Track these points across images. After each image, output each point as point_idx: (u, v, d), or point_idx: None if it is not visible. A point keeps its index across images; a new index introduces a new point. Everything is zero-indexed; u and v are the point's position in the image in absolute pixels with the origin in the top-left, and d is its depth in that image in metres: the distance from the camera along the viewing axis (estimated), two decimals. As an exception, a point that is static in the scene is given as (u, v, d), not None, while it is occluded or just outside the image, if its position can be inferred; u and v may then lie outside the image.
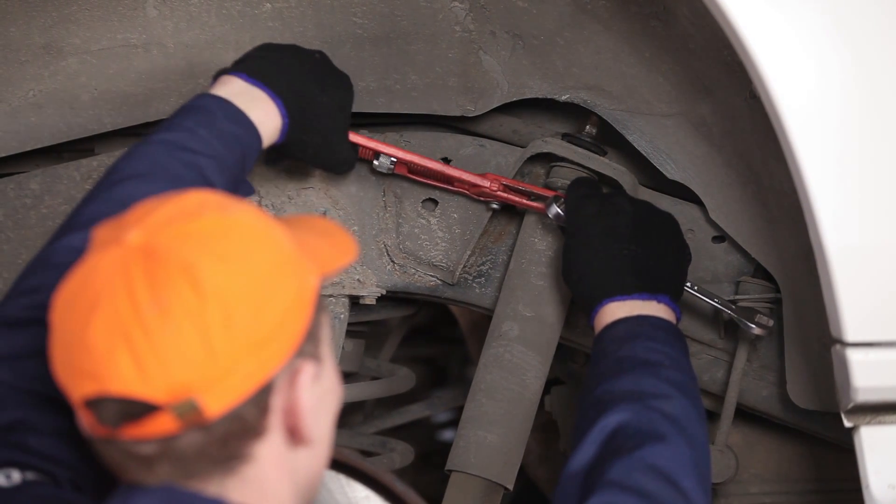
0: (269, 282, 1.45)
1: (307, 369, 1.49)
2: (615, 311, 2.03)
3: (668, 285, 2.06)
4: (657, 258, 2.07)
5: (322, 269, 1.53)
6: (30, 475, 1.59)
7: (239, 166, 2.01)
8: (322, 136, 2.15)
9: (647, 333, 1.99)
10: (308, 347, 1.50)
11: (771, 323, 2.19)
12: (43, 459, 1.62)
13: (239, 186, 2.07)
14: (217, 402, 1.42)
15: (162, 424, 1.42)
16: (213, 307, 1.41)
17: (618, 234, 2.07)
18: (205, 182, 1.93)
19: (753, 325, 2.19)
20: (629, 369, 1.91)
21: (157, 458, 1.45)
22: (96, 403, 1.43)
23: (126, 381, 1.40)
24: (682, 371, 1.94)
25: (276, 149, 2.15)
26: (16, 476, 1.58)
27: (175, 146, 1.95)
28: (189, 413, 1.41)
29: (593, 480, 1.73)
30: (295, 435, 1.51)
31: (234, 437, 1.45)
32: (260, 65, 2.10)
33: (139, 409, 1.41)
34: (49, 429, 1.62)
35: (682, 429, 1.81)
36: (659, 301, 2.04)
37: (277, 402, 1.48)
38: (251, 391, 1.44)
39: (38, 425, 1.63)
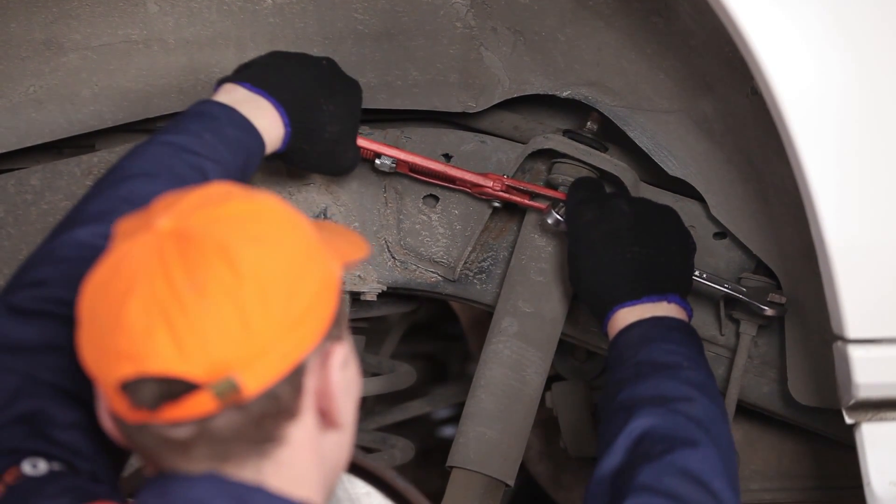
0: (301, 264, 1.47)
1: (338, 351, 1.51)
2: (626, 316, 2.04)
3: (676, 283, 2.06)
4: (662, 257, 2.07)
5: (342, 258, 1.55)
6: (55, 465, 1.59)
7: (242, 172, 2.02)
8: (326, 145, 2.16)
9: (662, 336, 1.99)
10: (335, 331, 1.52)
11: (784, 300, 2.17)
12: (65, 450, 1.62)
13: None
14: (255, 381, 1.43)
15: (201, 404, 1.42)
16: (250, 286, 1.42)
17: (620, 238, 2.07)
18: None
19: (766, 307, 2.18)
20: (649, 374, 1.92)
21: (193, 441, 1.45)
22: (134, 386, 1.42)
23: (166, 359, 1.41)
24: (700, 370, 1.95)
25: (277, 156, 2.16)
26: (42, 466, 1.58)
27: (181, 148, 1.96)
28: (228, 392, 1.42)
29: (623, 485, 1.74)
30: (326, 417, 1.52)
31: (269, 417, 1.46)
32: (264, 73, 2.11)
33: (179, 389, 1.42)
34: (68, 420, 1.62)
35: (707, 430, 1.82)
36: (669, 301, 2.04)
37: (310, 384, 1.49)
38: (286, 370, 1.45)
39: (56, 417, 1.63)
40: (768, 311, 2.18)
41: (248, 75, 2.10)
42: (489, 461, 2.23)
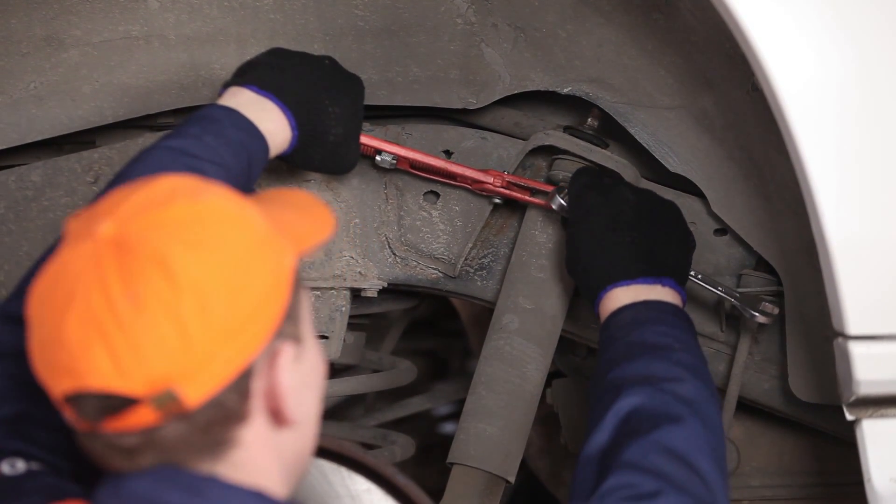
0: (243, 267, 1.44)
1: (286, 351, 1.49)
2: (619, 296, 2.03)
3: (671, 269, 2.06)
4: (660, 243, 2.06)
5: (299, 246, 1.53)
6: (34, 465, 1.60)
7: (245, 174, 2.02)
8: (330, 148, 2.16)
9: (654, 318, 1.98)
10: (287, 328, 1.50)
11: (776, 311, 2.17)
12: (47, 451, 1.63)
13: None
14: (196, 392, 1.42)
15: (142, 416, 1.42)
16: (188, 297, 1.41)
17: (620, 223, 2.07)
18: None
19: (757, 314, 2.18)
20: (639, 354, 1.91)
21: (139, 448, 1.45)
22: (75, 399, 1.43)
23: (103, 375, 1.40)
24: (692, 353, 1.94)
25: (282, 158, 2.16)
26: (20, 465, 1.59)
27: (180, 152, 1.95)
28: (168, 404, 1.41)
29: (609, 463, 1.74)
30: (278, 417, 1.51)
31: (216, 423, 1.45)
32: (270, 75, 2.10)
33: (118, 403, 1.41)
34: (53, 422, 1.62)
35: (696, 410, 1.81)
36: (664, 285, 2.04)
37: (258, 386, 1.48)
38: (231, 378, 1.44)
39: (42, 418, 1.64)
40: (759, 319, 2.18)
41: (254, 78, 2.10)
42: (490, 458, 2.23)
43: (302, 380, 1.53)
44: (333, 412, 3.18)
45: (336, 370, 2.65)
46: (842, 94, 1.85)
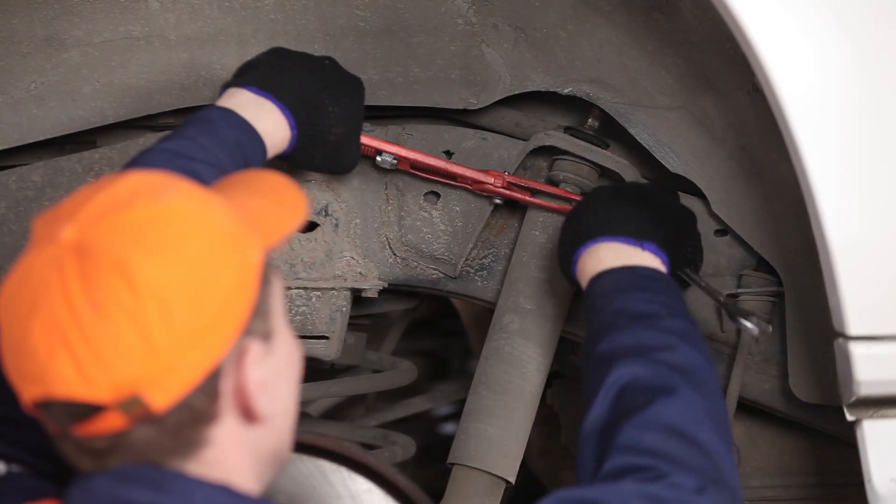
0: (206, 269, 1.44)
1: (253, 349, 1.49)
2: (600, 253, 2.00)
3: (654, 232, 2.02)
4: (653, 217, 2.04)
5: (267, 238, 1.53)
6: (15, 467, 1.61)
7: None
8: (330, 147, 2.16)
9: (637, 284, 1.95)
10: (256, 325, 1.50)
11: (769, 328, 2.04)
12: (28, 452, 1.64)
13: None
14: (163, 396, 1.42)
15: (110, 422, 1.43)
16: (150, 303, 1.41)
17: (620, 198, 2.06)
18: None
19: (744, 321, 2.04)
20: (626, 324, 1.87)
21: (109, 451, 1.46)
22: (43, 406, 1.44)
23: (68, 384, 1.41)
24: (680, 319, 1.89)
25: (282, 158, 2.16)
26: (0, 467, 1.60)
27: (174, 154, 1.95)
28: (135, 409, 1.42)
29: (607, 442, 1.72)
30: (249, 414, 1.51)
31: (185, 425, 1.46)
32: (269, 76, 2.11)
33: (85, 410, 1.42)
34: (34, 423, 1.62)
35: (690, 378, 1.78)
36: (644, 248, 2.00)
37: (227, 386, 1.48)
38: (198, 380, 1.44)
39: (24, 420, 1.63)
40: (743, 325, 2.06)
41: (253, 78, 2.10)
42: (490, 458, 2.23)
43: (274, 372, 1.53)
44: (334, 412, 3.19)
45: (337, 370, 2.65)
46: (842, 95, 1.85)
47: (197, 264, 1.44)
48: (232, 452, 1.51)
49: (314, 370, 2.56)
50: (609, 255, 1.99)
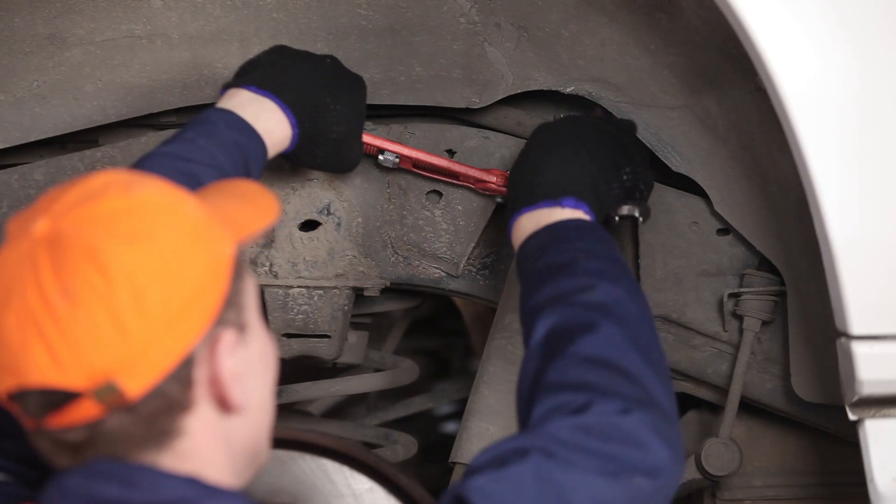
0: (178, 256, 1.45)
1: (226, 337, 1.49)
2: (523, 224, 2.02)
3: (572, 185, 2.03)
4: (564, 160, 2.05)
5: (239, 234, 1.54)
6: (0, 476, 1.62)
7: (242, 174, 2.02)
8: (332, 145, 2.16)
9: (555, 238, 1.96)
10: (229, 315, 1.50)
11: (644, 209, 2.16)
12: (14, 461, 1.65)
13: None
14: (137, 382, 1.43)
15: (85, 410, 1.43)
16: (122, 289, 1.42)
17: (541, 159, 2.07)
18: None
19: (623, 210, 2.14)
20: (547, 277, 1.88)
21: (85, 443, 1.46)
22: (18, 397, 1.44)
23: (43, 372, 1.42)
24: (599, 259, 1.90)
25: (284, 156, 2.16)
26: None
27: (173, 157, 1.97)
28: (110, 396, 1.43)
29: (535, 390, 1.72)
30: (224, 403, 1.51)
31: (160, 413, 1.46)
32: (269, 75, 2.11)
33: (59, 398, 1.43)
34: (18, 431, 1.62)
35: (608, 311, 1.79)
36: (563, 206, 2.01)
37: (201, 374, 1.49)
38: (171, 367, 1.45)
39: (9, 428, 1.64)
40: (627, 215, 2.14)
41: (253, 78, 2.11)
42: (492, 457, 2.22)
43: (248, 366, 1.54)
44: (336, 411, 3.19)
45: (338, 369, 2.65)
46: (845, 94, 1.85)
47: (168, 252, 1.45)
48: (206, 442, 1.51)
49: (316, 369, 2.56)
50: (530, 224, 2.01)
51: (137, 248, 1.43)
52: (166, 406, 1.46)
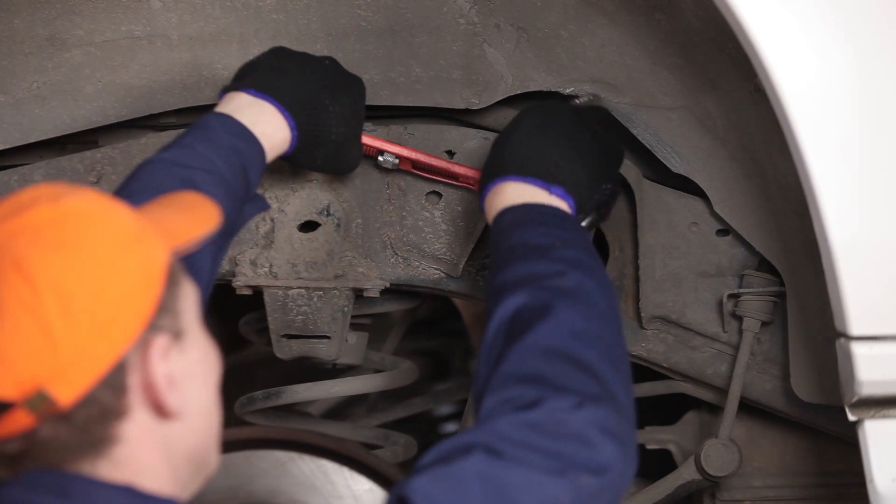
0: (106, 264, 1.46)
1: (158, 343, 1.49)
2: (506, 191, 2.01)
3: (565, 177, 2.03)
4: (566, 153, 2.05)
5: (174, 242, 1.54)
6: None
7: (240, 179, 2.02)
8: (332, 147, 2.16)
9: (535, 219, 1.96)
10: (163, 321, 1.50)
11: (595, 98, 2.20)
12: None
13: (253, 200, 2.08)
14: (68, 390, 1.43)
15: (18, 421, 1.44)
16: (49, 298, 1.42)
17: (542, 130, 2.07)
18: None
19: (578, 100, 2.17)
20: (521, 256, 1.88)
21: (22, 455, 1.47)
22: None
23: None
24: (575, 249, 1.90)
25: (284, 158, 2.16)
26: None
27: (171, 163, 1.97)
28: (42, 405, 1.43)
29: (492, 376, 1.71)
30: (160, 409, 1.51)
31: (94, 421, 1.46)
32: (268, 77, 2.11)
33: None
34: None
35: (576, 300, 1.78)
36: (552, 192, 2.01)
37: (134, 380, 1.48)
38: (102, 373, 1.45)
39: None
40: (582, 101, 2.16)
41: (252, 81, 2.11)
42: (492, 458, 2.22)
43: (186, 371, 1.53)
44: (335, 412, 3.19)
45: (338, 370, 2.65)
46: (844, 95, 1.85)
47: (96, 260, 1.45)
48: (144, 450, 1.51)
49: (316, 370, 2.56)
50: (514, 194, 2.01)
51: (64, 257, 1.44)
52: (100, 413, 1.46)
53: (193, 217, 1.61)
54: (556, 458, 1.57)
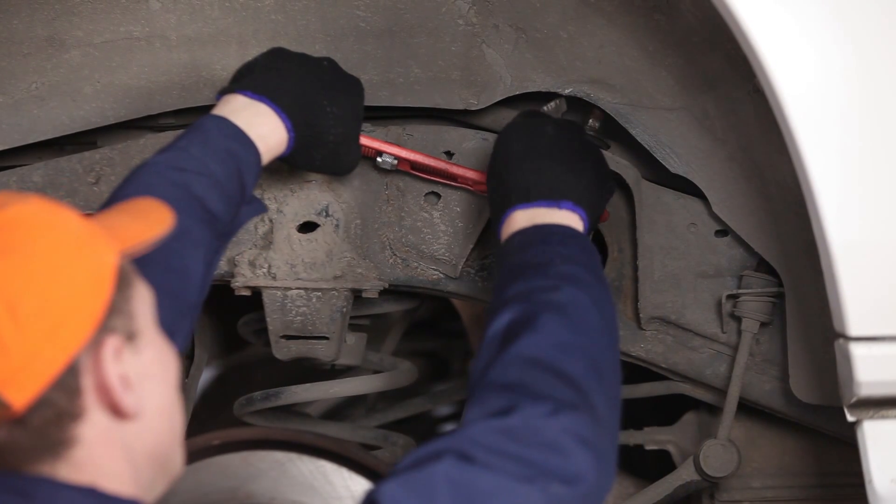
0: (53, 267, 1.46)
1: (109, 343, 1.50)
2: (517, 219, 2.03)
3: (570, 190, 2.04)
4: (564, 167, 2.06)
5: (124, 245, 1.54)
6: None
7: (235, 181, 2.03)
8: (330, 148, 2.16)
9: (540, 239, 1.97)
10: (115, 322, 1.51)
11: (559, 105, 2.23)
12: None
13: (249, 203, 2.09)
14: (21, 394, 1.44)
15: None
16: None
17: (532, 152, 2.08)
18: (193, 199, 1.95)
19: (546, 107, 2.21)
20: (520, 275, 1.90)
21: None
22: None
23: None
24: (575, 265, 1.91)
25: (283, 160, 2.16)
26: None
27: (166, 166, 1.98)
28: None
29: (478, 385, 1.73)
30: (117, 410, 1.51)
31: (50, 424, 1.47)
32: (265, 79, 2.11)
33: None
34: None
35: (565, 314, 1.79)
36: (561, 207, 2.02)
37: (87, 382, 1.49)
38: (54, 376, 1.45)
39: None
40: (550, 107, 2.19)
41: (248, 83, 2.11)
42: (491, 458, 2.22)
43: (141, 371, 1.54)
44: (334, 413, 3.19)
45: (337, 371, 2.65)
46: (843, 96, 1.85)
47: (43, 264, 1.46)
48: (102, 451, 1.51)
49: (315, 371, 2.56)
50: (524, 219, 2.03)
51: (9, 263, 1.45)
52: (55, 416, 1.47)
53: (146, 221, 1.62)
54: (528, 464, 1.57)
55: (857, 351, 1.91)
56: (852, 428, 2.01)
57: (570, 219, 2.02)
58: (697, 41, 2.11)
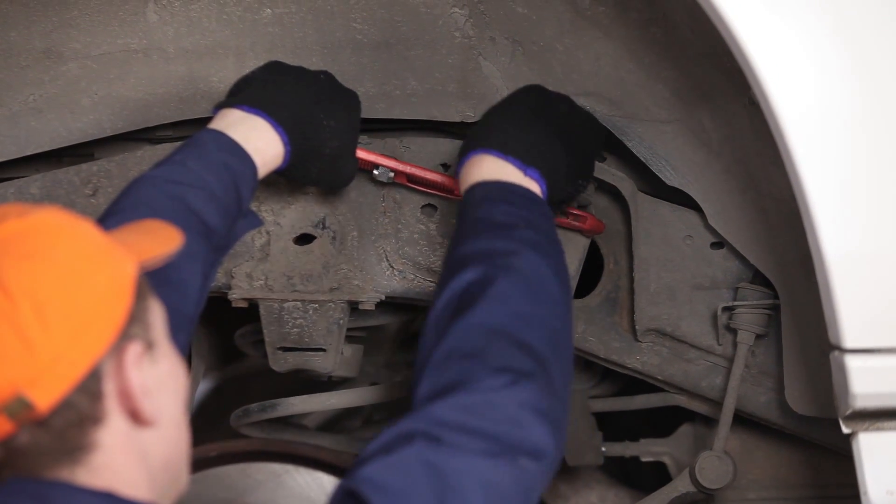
0: (78, 273, 1.48)
1: (132, 349, 1.51)
2: (485, 165, 2.03)
3: (545, 163, 2.05)
4: (555, 146, 2.07)
5: (139, 257, 1.56)
6: None
7: (232, 194, 2.03)
8: (326, 161, 2.17)
9: (504, 198, 1.98)
10: (135, 330, 1.53)
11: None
12: None
13: (245, 216, 2.09)
14: (45, 396, 1.45)
15: None
16: (24, 305, 1.44)
17: (534, 113, 2.09)
18: (189, 212, 1.96)
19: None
20: (483, 231, 1.91)
21: (1, 463, 1.49)
22: None
23: None
24: (537, 231, 1.92)
25: (280, 173, 2.17)
26: None
27: (162, 180, 1.99)
28: (20, 410, 1.45)
29: (436, 345, 1.75)
30: (137, 417, 1.53)
31: (71, 427, 1.48)
32: (261, 92, 2.12)
33: None
34: None
35: (526, 281, 1.82)
36: (527, 174, 2.03)
37: (110, 387, 1.50)
38: (78, 378, 1.47)
39: None
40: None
41: (245, 97, 2.12)
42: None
43: (157, 382, 1.56)
44: (331, 424, 3.19)
45: (334, 383, 2.65)
46: (839, 108, 1.86)
47: (68, 268, 1.48)
48: (121, 457, 1.52)
49: (311, 382, 2.56)
50: (490, 169, 2.03)
51: (36, 265, 1.46)
52: (77, 419, 1.48)
53: (155, 239, 1.64)
54: (493, 440, 1.61)
55: (853, 363, 1.91)
56: (847, 440, 2.01)
57: (531, 186, 2.03)
58: (693, 54, 2.11)
